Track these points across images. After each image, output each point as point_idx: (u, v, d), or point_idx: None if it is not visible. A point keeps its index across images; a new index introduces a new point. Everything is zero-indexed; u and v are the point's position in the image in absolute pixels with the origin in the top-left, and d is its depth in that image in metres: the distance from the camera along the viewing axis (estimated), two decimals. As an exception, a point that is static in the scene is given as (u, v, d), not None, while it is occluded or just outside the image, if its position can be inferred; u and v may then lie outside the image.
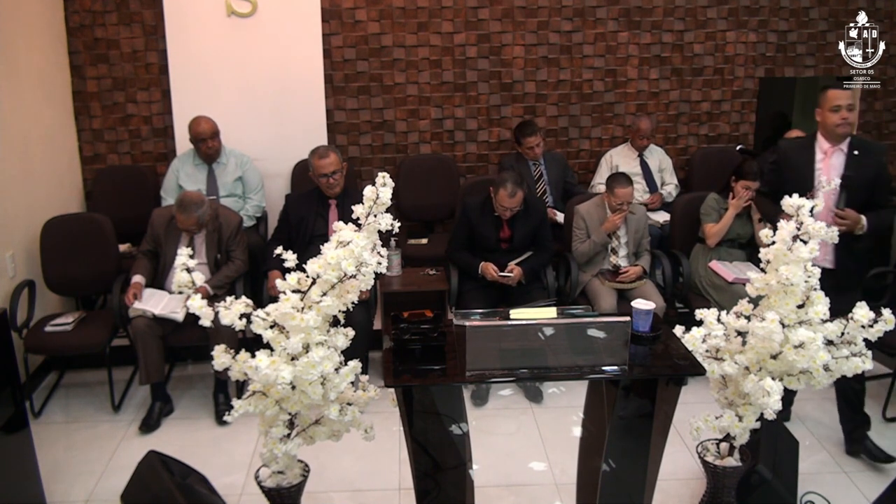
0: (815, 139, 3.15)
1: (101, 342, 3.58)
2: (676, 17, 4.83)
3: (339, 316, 2.09)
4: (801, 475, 2.82)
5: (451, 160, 4.86)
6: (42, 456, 2.88)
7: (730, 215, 3.83)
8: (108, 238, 3.90)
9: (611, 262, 3.92)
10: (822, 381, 2.23)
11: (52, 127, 4.30)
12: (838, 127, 3.03)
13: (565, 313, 2.26)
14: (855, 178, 3.02)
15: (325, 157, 3.75)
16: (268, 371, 1.96)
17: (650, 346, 2.20)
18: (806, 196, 2.66)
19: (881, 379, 3.73)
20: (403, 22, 4.67)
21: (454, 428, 2.19)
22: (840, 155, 3.09)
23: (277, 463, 2.20)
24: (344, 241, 2.00)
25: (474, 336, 1.99)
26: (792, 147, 3.27)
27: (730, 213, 3.83)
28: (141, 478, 2.47)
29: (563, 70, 4.83)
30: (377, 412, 2.39)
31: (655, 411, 2.14)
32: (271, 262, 3.70)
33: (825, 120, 3.07)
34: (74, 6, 4.44)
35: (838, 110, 3.02)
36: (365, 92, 4.75)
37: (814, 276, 2.23)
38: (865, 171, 3.05)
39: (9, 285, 3.64)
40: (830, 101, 3.04)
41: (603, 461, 2.27)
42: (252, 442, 3.31)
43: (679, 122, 5.02)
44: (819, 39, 4.96)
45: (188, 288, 2.09)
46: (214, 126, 4.24)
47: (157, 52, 4.53)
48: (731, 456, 2.47)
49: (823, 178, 3.06)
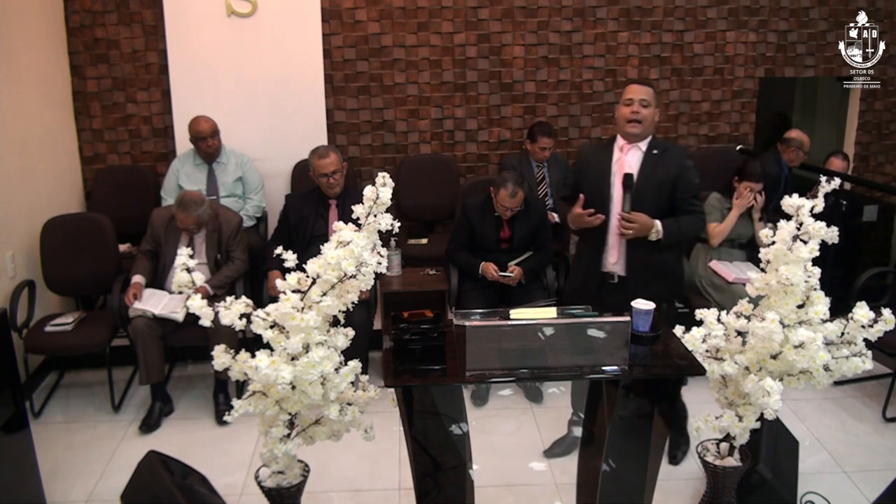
0: (614, 139, 2.94)
1: (101, 342, 3.58)
2: (676, 17, 4.83)
3: (339, 316, 2.09)
4: (801, 475, 2.82)
5: (451, 160, 4.86)
6: (42, 456, 2.88)
7: (734, 216, 3.83)
8: (108, 238, 3.89)
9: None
10: (822, 381, 2.23)
11: (52, 127, 4.30)
12: (628, 123, 2.81)
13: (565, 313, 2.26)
14: (647, 178, 2.80)
15: (326, 157, 3.75)
16: (268, 371, 1.96)
17: (650, 346, 2.20)
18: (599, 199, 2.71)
19: (881, 379, 3.73)
20: (403, 22, 4.67)
21: (454, 428, 2.19)
22: (636, 153, 2.86)
23: (277, 463, 2.20)
24: (344, 241, 2.00)
25: (474, 336, 1.99)
26: (592, 149, 3.15)
27: (734, 214, 3.83)
28: (141, 478, 2.46)
29: (563, 70, 4.83)
30: (377, 412, 2.39)
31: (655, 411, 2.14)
32: (271, 262, 3.70)
33: (617, 114, 2.88)
34: (74, 6, 4.44)
35: (630, 104, 2.81)
36: (365, 92, 4.75)
37: (814, 276, 2.22)
38: (662, 171, 2.82)
39: (9, 285, 3.64)
40: (625, 93, 2.86)
41: (603, 461, 2.27)
42: (252, 442, 3.31)
43: (679, 122, 5.02)
44: (819, 39, 4.96)
45: (188, 288, 2.09)
46: (214, 125, 4.24)
47: (157, 52, 4.53)
48: (731, 456, 2.47)
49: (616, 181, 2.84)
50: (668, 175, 2.83)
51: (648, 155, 2.84)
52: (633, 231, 2.76)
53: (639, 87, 2.84)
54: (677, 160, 2.86)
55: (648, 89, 2.83)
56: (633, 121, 2.80)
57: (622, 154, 2.86)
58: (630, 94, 2.82)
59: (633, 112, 2.79)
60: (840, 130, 5.42)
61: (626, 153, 2.86)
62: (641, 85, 2.85)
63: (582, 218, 2.83)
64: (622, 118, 2.83)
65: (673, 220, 2.82)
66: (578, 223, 2.88)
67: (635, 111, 2.79)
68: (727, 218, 3.85)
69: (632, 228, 2.76)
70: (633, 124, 2.80)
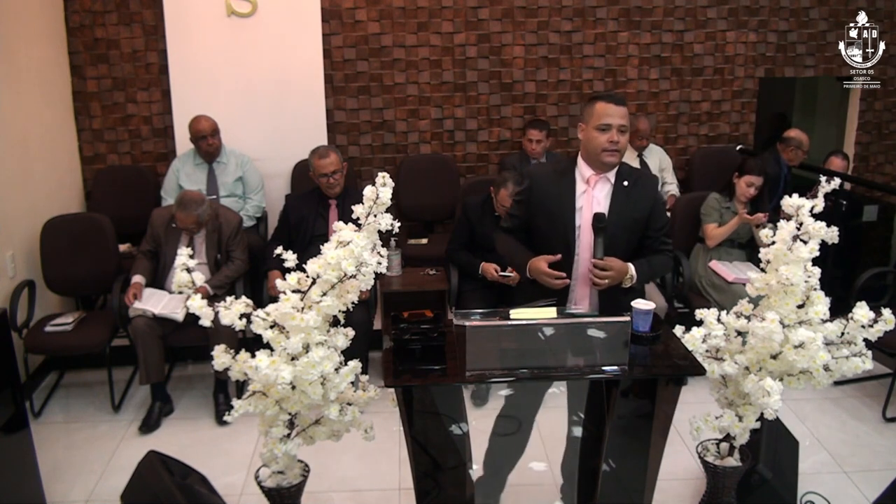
0: (576, 164, 2.46)
1: (101, 342, 3.58)
2: (676, 17, 4.83)
3: (339, 316, 2.09)
4: (801, 475, 2.82)
5: (451, 160, 4.86)
6: (42, 456, 2.88)
7: (734, 223, 3.81)
8: (108, 238, 3.89)
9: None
10: (822, 381, 2.23)
11: (52, 127, 4.30)
12: (604, 153, 2.35)
13: (565, 313, 2.26)
14: (619, 215, 2.39)
15: (326, 157, 3.76)
16: (268, 371, 1.96)
17: (650, 346, 2.20)
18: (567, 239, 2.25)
19: (881, 379, 3.73)
20: (403, 22, 4.67)
21: (454, 428, 2.19)
22: (605, 185, 2.42)
23: (277, 463, 2.20)
24: (344, 241, 2.00)
25: (474, 336, 1.99)
26: (546, 174, 2.54)
27: (734, 222, 3.81)
28: (141, 478, 2.46)
29: (563, 70, 4.83)
30: (377, 412, 2.39)
31: (655, 411, 2.14)
32: (271, 262, 3.70)
33: (589, 140, 2.38)
34: (74, 6, 4.45)
35: (607, 130, 2.34)
36: (365, 92, 4.75)
37: (814, 276, 2.22)
38: (636, 207, 2.42)
39: (9, 285, 3.64)
40: (598, 116, 2.35)
41: (603, 461, 2.27)
42: (252, 442, 3.31)
43: (679, 122, 5.02)
44: (819, 39, 4.96)
45: (188, 288, 2.09)
46: (214, 124, 4.24)
47: (157, 52, 4.54)
48: (731, 456, 2.47)
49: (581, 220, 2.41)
50: (642, 211, 2.44)
51: (619, 188, 2.41)
52: (609, 280, 2.34)
53: (616, 107, 2.35)
54: (650, 192, 2.47)
55: (626, 110, 2.38)
56: (611, 150, 2.36)
57: (589, 187, 2.42)
58: (607, 119, 2.34)
59: (610, 141, 2.34)
60: (840, 130, 5.42)
61: (594, 186, 2.42)
62: (618, 105, 2.36)
63: (545, 278, 2.36)
64: (596, 146, 2.36)
65: (645, 262, 2.44)
66: (539, 279, 2.39)
67: (614, 140, 2.34)
68: (729, 223, 3.83)
69: (607, 277, 2.33)
70: (611, 154, 2.36)
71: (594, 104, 2.37)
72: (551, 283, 2.36)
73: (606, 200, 2.41)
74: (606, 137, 2.34)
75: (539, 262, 2.38)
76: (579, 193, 2.43)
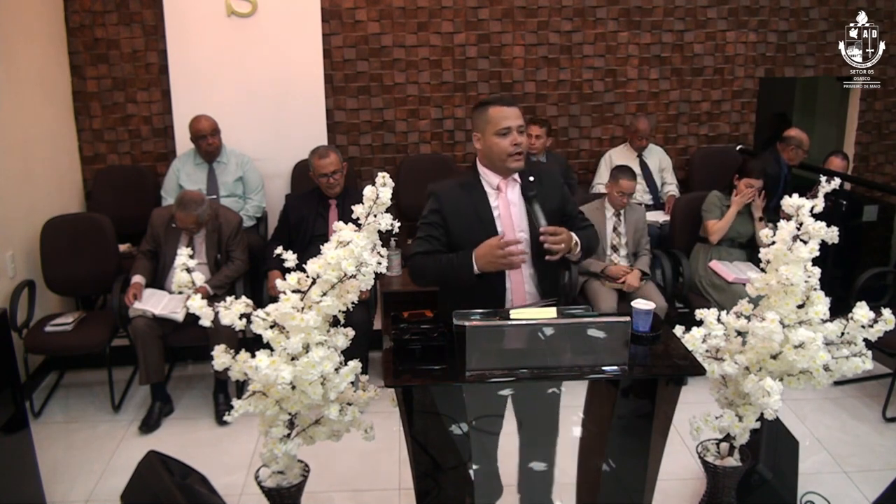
0: (479, 175, 2.39)
1: (101, 342, 3.58)
2: (676, 17, 4.83)
3: (339, 316, 2.09)
4: (801, 475, 2.82)
5: (451, 160, 4.86)
6: (42, 456, 2.88)
7: (732, 212, 3.84)
8: (108, 238, 3.89)
9: (611, 260, 3.92)
10: (822, 381, 2.23)
11: (52, 127, 4.31)
12: (510, 158, 2.29)
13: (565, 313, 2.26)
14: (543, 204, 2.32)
15: (326, 157, 3.76)
16: (268, 371, 1.96)
17: (650, 346, 2.20)
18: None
19: (881, 379, 3.73)
20: (403, 22, 4.67)
21: (454, 428, 2.19)
22: (514, 186, 2.37)
23: (277, 463, 2.20)
24: (344, 241, 2.00)
25: (474, 336, 1.99)
26: (452, 193, 2.39)
27: (732, 211, 3.84)
28: (141, 478, 2.46)
29: (563, 70, 4.83)
30: (377, 412, 2.39)
31: (655, 411, 2.14)
32: (271, 262, 3.70)
33: (491, 148, 2.31)
34: (74, 6, 4.45)
35: (507, 133, 2.28)
36: (365, 92, 4.75)
37: (814, 276, 2.22)
38: (549, 198, 2.35)
39: (9, 285, 3.64)
40: (496, 121, 2.28)
41: (603, 461, 2.26)
42: (252, 442, 3.31)
43: (679, 122, 5.02)
44: (819, 39, 4.96)
45: (188, 288, 2.09)
46: (214, 123, 4.24)
47: (157, 52, 4.54)
48: (731, 456, 2.47)
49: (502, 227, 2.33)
50: (555, 200, 2.39)
51: (527, 185, 2.35)
52: (564, 244, 2.25)
53: (509, 109, 2.30)
54: (555, 179, 2.44)
55: (519, 111, 2.31)
56: (516, 154, 2.29)
57: (501, 193, 2.36)
58: (505, 122, 2.27)
59: (514, 144, 2.28)
60: (840, 130, 5.43)
61: (506, 191, 2.37)
62: (510, 106, 2.31)
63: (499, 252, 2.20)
64: (500, 151, 2.28)
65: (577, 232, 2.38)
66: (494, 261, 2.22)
67: (517, 142, 2.28)
68: (726, 215, 3.86)
69: (561, 241, 2.24)
70: (516, 158, 2.30)
71: (486, 110, 2.31)
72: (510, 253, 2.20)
73: (520, 200, 2.36)
74: (509, 141, 2.28)
75: (486, 245, 2.23)
76: (493, 202, 2.36)
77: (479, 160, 2.40)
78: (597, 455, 2.32)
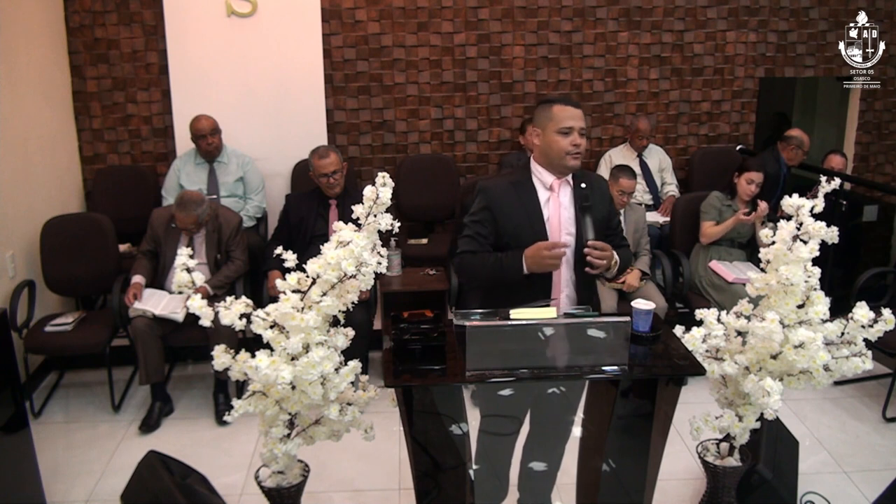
0: (531, 172, 2.38)
1: (101, 342, 3.58)
2: (676, 17, 4.83)
3: (339, 316, 2.09)
4: (801, 475, 2.82)
5: (451, 160, 4.86)
6: (42, 456, 2.88)
7: (730, 224, 3.82)
8: (108, 238, 3.89)
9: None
10: (822, 381, 2.23)
11: (52, 127, 4.30)
12: (569, 157, 2.28)
13: (565, 313, 2.26)
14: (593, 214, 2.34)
15: (326, 157, 3.76)
16: (268, 371, 1.96)
17: (650, 346, 2.20)
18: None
19: (881, 379, 3.73)
20: (403, 22, 4.67)
21: (454, 428, 2.19)
22: (566, 188, 2.36)
23: (277, 463, 2.20)
24: (344, 241, 2.00)
25: (474, 336, 1.99)
26: (503, 190, 2.36)
27: (730, 222, 3.82)
28: (141, 478, 2.46)
29: (563, 70, 4.83)
30: (377, 412, 2.39)
31: (655, 411, 2.14)
32: (271, 262, 3.71)
33: (549, 145, 2.30)
34: (74, 6, 4.45)
35: (569, 133, 2.27)
36: (365, 92, 4.76)
37: (814, 276, 2.22)
38: (597, 207, 2.36)
39: (9, 285, 3.64)
40: (559, 119, 2.27)
41: (603, 461, 2.26)
42: (252, 442, 3.31)
43: (679, 122, 5.02)
44: (819, 39, 4.96)
45: (188, 288, 2.09)
46: (214, 123, 4.24)
47: (157, 52, 4.54)
48: (731, 456, 2.47)
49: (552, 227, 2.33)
50: (602, 211, 2.39)
51: (578, 190, 2.36)
52: (605, 261, 2.27)
53: (575, 110, 2.30)
54: (605, 191, 2.45)
55: (583, 113, 2.33)
56: (575, 154, 2.29)
57: (554, 192, 2.35)
58: (569, 122, 2.27)
59: (574, 144, 2.27)
60: (840, 130, 5.43)
61: (559, 191, 2.35)
62: (576, 108, 2.31)
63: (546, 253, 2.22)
64: (559, 149, 2.27)
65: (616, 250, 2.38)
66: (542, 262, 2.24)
67: (577, 143, 2.28)
68: (723, 223, 3.84)
69: (604, 258, 2.26)
70: (574, 157, 2.29)
71: (550, 107, 2.30)
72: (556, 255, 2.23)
73: (571, 204, 2.36)
74: (569, 141, 2.27)
75: (535, 248, 2.24)
76: (543, 201, 2.35)
77: (535, 158, 2.38)
78: (597, 455, 2.32)
